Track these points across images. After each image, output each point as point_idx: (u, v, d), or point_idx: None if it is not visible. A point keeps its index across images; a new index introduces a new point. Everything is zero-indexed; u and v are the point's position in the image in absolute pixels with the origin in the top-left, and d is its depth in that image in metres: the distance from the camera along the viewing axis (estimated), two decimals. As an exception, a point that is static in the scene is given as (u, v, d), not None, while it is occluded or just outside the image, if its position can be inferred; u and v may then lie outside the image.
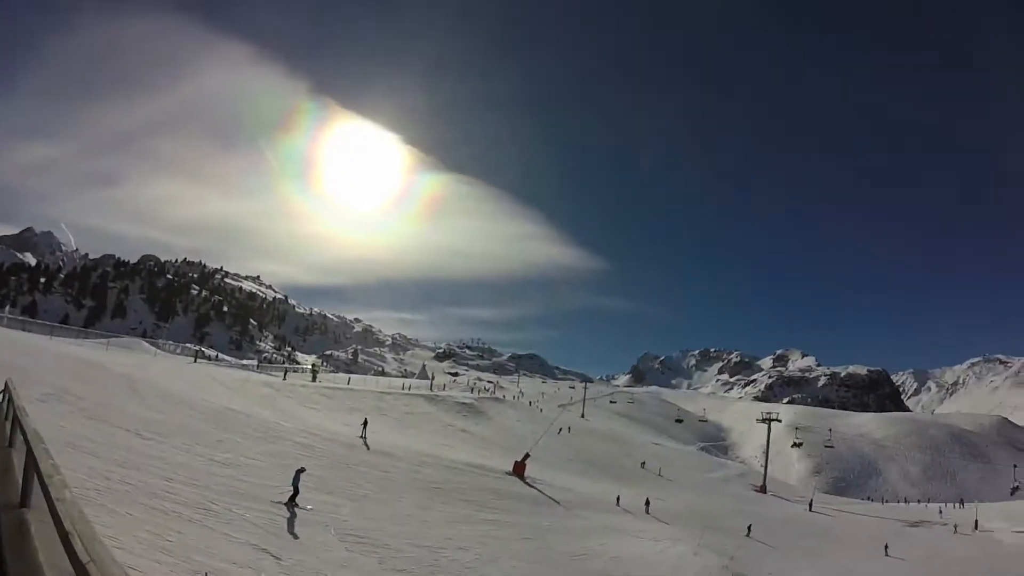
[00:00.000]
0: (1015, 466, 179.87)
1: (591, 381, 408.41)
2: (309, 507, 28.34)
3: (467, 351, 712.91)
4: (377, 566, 23.46)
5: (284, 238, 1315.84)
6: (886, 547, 67.10)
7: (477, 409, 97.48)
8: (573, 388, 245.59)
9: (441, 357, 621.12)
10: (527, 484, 53.18)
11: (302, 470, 28.90)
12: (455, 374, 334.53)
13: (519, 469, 56.12)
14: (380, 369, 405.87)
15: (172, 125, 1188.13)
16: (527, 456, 58.44)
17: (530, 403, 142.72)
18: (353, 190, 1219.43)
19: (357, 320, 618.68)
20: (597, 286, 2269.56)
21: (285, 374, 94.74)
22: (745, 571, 40.65)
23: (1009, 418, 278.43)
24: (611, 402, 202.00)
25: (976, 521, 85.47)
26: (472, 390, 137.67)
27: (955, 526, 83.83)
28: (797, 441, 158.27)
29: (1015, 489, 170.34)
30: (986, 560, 67.38)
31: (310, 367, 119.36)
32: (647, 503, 61.89)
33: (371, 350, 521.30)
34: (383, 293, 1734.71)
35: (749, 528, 63.04)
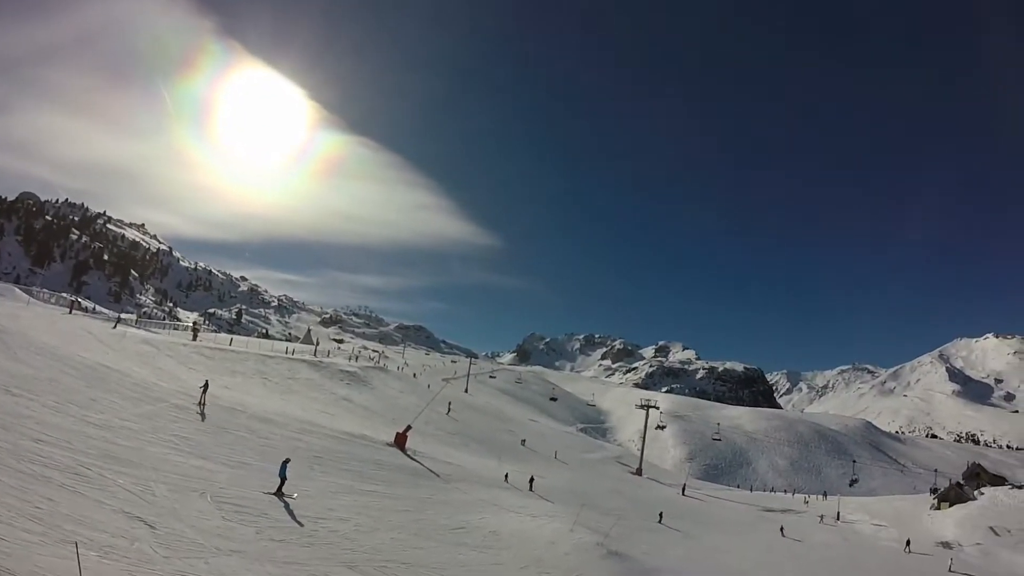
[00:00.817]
0: (854, 461, 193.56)
1: (476, 357, 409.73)
2: (295, 495, 27.83)
3: (354, 318, 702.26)
4: (255, 536, 22.78)
5: (173, 186, 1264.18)
6: (782, 529, 73.20)
7: (361, 378, 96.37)
8: (457, 362, 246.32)
9: (327, 323, 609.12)
10: (408, 456, 52.93)
11: (288, 461, 29.96)
12: (340, 341, 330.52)
13: (400, 441, 55.73)
14: (264, 331, 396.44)
15: (63, 54, 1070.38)
16: (409, 428, 58.06)
17: (414, 375, 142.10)
18: (250, 142, 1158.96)
19: (243, 279, 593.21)
20: (489, 263, 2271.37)
21: (194, 335, 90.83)
22: (619, 548, 41.47)
23: (873, 422, 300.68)
24: (491, 376, 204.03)
25: (838, 512, 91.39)
26: (357, 358, 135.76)
27: (820, 516, 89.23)
28: (661, 424, 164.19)
29: (854, 481, 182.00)
30: (845, 546, 72.34)
31: (191, 325, 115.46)
32: (531, 480, 62.75)
33: (256, 311, 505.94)
34: (272, 252, 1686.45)
35: (661, 515, 65.38)
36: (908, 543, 67.46)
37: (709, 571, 48.40)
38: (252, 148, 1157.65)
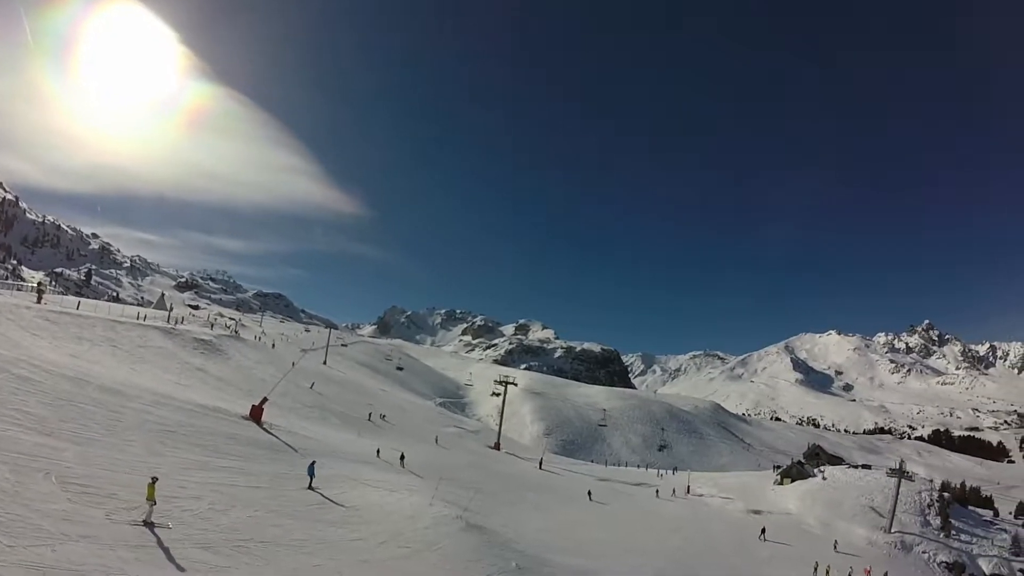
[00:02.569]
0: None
1: (336, 328, 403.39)
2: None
3: (211, 283, 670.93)
4: (104, 519, 21.59)
5: (25, 128, 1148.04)
6: (589, 493, 75.80)
7: (216, 347, 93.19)
8: (311, 331, 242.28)
9: (182, 287, 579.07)
10: (264, 430, 51.49)
11: (314, 463, 34.32)
12: (196, 307, 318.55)
13: (256, 414, 54.04)
14: (115, 294, 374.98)
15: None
16: (265, 400, 56.42)
17: (272, 345, 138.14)
18: (114, 86, 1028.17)
19: (95, 236, 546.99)
20: (354, 232, 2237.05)
21: (39, 297, 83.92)
22: (478, 521, 41.80)
23: (722, 404, 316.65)
24: (343, 345, 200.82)
25: (688, 486, 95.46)
26: (212, 326, 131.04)
27: (673, 489, 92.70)
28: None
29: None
30: (695, 517, 76.03)
31: (35, 286, 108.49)
32: (402, 457, 62.57)
33: (107, 271, 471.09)
34: (127, 208, 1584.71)
35: (589, 493, 66.62)
36: (763, 531, 70.10)
37: (565, 541, 49.52)
38: (115, 92, 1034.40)
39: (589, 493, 79.39)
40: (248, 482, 34.53)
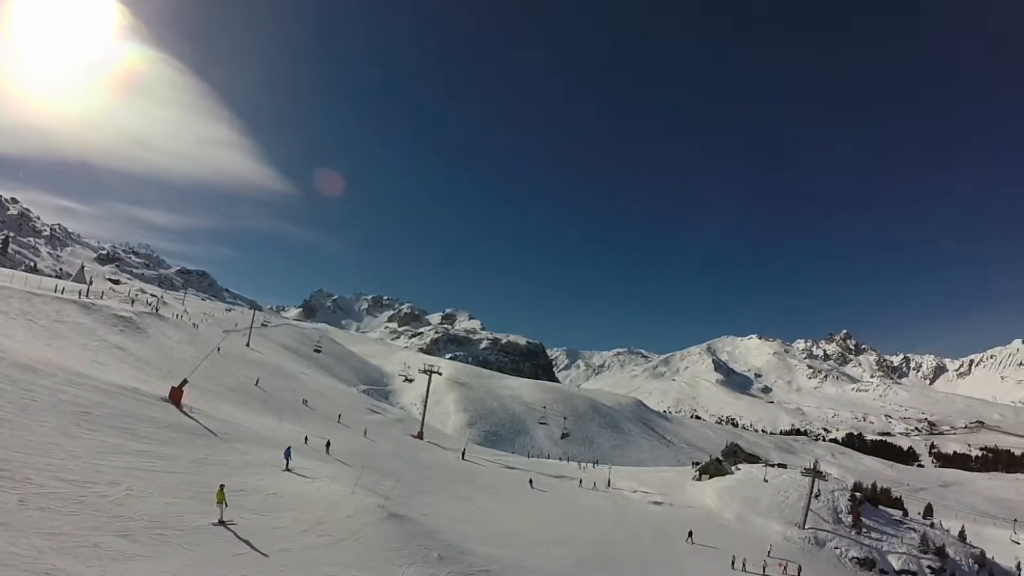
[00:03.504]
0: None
1: (260, 309, 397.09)
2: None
3: (133, 257, 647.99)
4: (17, 505, 20.82)
5: None
6: (531, 481, 79.39)
7: (136, 324, 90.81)
8: (232, 311, 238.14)
9: (104, 260, 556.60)
10: (184, 413, 50.36)
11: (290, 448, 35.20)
12: (116, 281, 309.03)
13: (176, 396, 52.77)
14: (32, 264, 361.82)
15: None
16: (185, 382, 55.15)
17: (194, 324, 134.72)
18: (42, 41, 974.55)
19: (14, 201, 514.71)
20: (283, 211, 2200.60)
21: None
22: (399, 511, 41.55)
23: (644, 401, 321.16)
24: (262, 324, 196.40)
25: (609, 480, 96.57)
26: (133, 302, 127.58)
27: (594, 483, 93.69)
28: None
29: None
30: (614, 509, 76.87)
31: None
32: (327, 444, 61.98)
33: (25, 240, 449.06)
34: (50, 173, 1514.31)
35: (531, 482, 66.78)
36: (691, 534, 70.84)
37: (487, 531, 49.63)
38: (44, 48, 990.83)
39: (531, 481, 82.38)
40: (167, 467, 33.80)
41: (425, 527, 41.13)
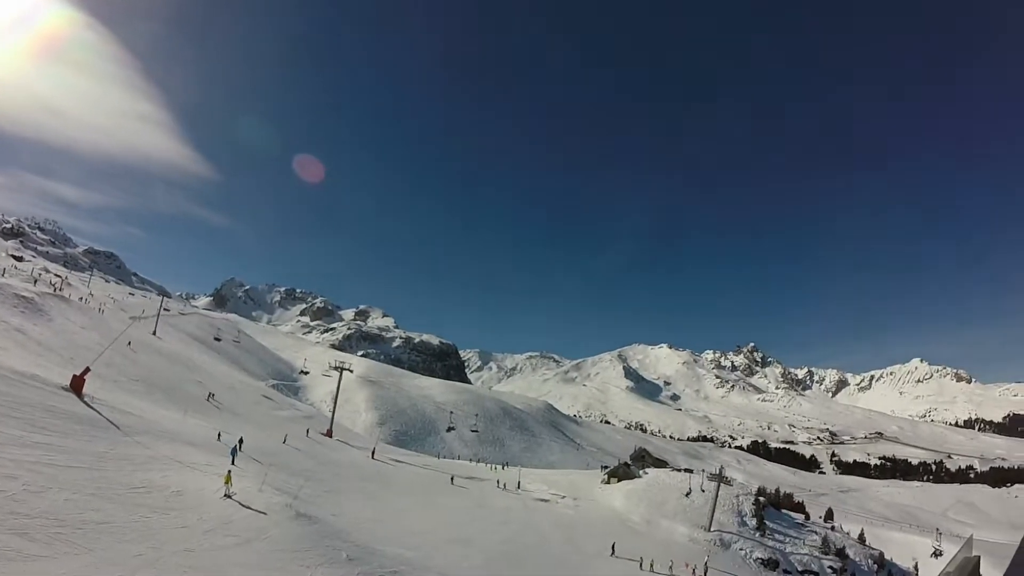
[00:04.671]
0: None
1: (170, 296, 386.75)
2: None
3: (39, 233, 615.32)
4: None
5: None
6: (452, 478, 75.81)
7: (38, 306, 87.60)
8: (135, 295, 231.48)
9: (7, 235, 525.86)
10: (85, 403, 48.59)
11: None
12: (19, 258, 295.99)
13: (78, 384, 50.82)
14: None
15: None
16: (87, 370, 53.25)
17: (100, 309, 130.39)
18: None
19: None
20: (199, 195, 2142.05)
21: None
22: (308, 510, 40.96)
23: (554, 405, 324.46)
24: (180, 313, 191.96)
25: (519, 482, 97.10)
26: (36, 282, 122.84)
27: (504, 484, 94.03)
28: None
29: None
30: (523, 510, 77.14)
31: None
32: (240, 441, 60.62)
33: None
34: None
35: (452, 478, 65.75)
36: (613, 547, 70.99)
37: (396, 531, 49.29)
38: None
39: (452, 478, 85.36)
40: (67, 461, 32.46)
41: (334, 527, 40.66)
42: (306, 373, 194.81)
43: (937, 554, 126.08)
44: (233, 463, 37.72)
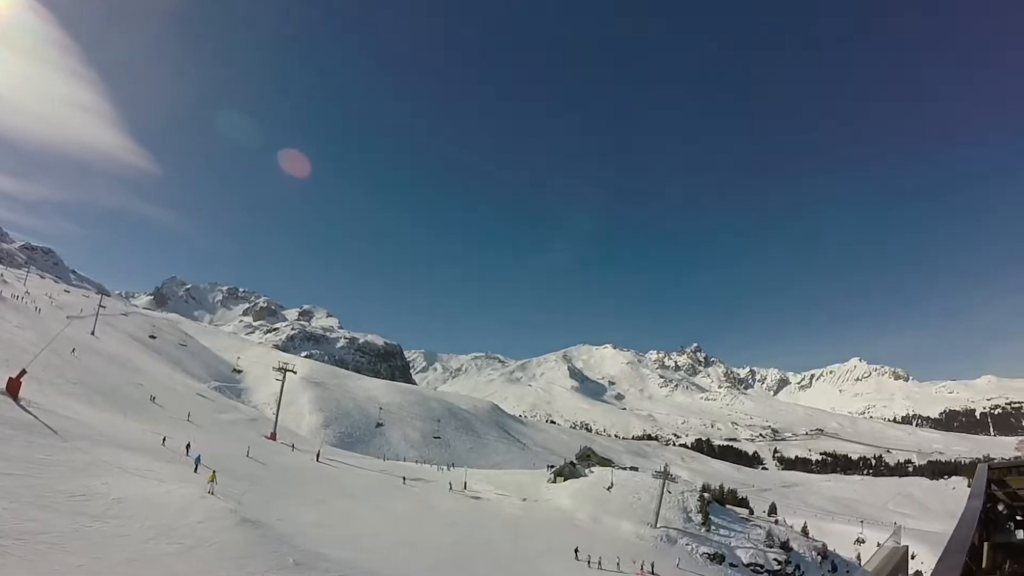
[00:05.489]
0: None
1: (109, 295, 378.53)
2: None
3: None
4: None
5: None
6: (404, 478, 72.74)
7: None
8: (80, 296, 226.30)
9: None
10: (22, 407, 47.44)
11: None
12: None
13: (13, 388, 49.53)
14: None
15: None
16: (23, 373, 51.94)
17: (37, 308, 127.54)
18: None
19: None
20: (141, 189, 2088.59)
21: None
22: (253, 515, 40.40)
23: (500, 405, 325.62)
24: (100, 306, 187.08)
25: (465, 482, 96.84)
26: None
27: (451, 485, 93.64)
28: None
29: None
30: (471, 513, 77.34)
31: None
32: (188, 446, 59.71)
33: None
34: None
35: (404, 479, 64.01)
36: (577, 551, 70.81)
37: (343, 536, 48.85)
38: None
39: (404, 479, 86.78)
40: (4, 468, 31.70)
41: (279, 532, 40.13)
42: (239, 372, 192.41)
43: (860, 541, 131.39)
44: (196, 471, 36.87)
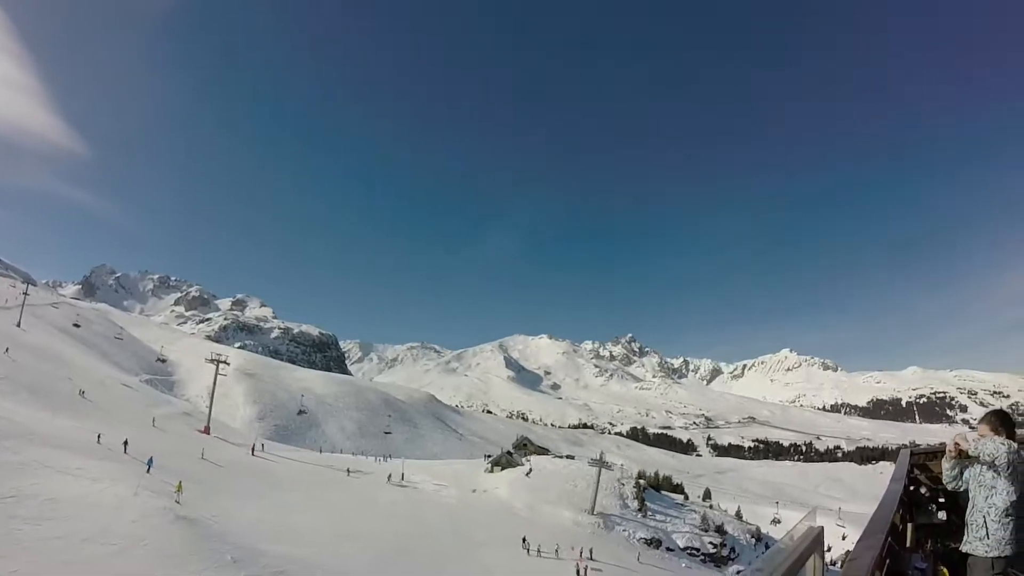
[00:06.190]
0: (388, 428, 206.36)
1: (35, 284, 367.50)
2: None
3: None
4: None
5: None
6: (348, 470, 72.33)
7: None
8: (5, 286, 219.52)
9: None
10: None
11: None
12: None
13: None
14: None
15: None
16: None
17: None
18: None
19: None
20: (71, 172, 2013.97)
21: None
22: (188, 512, 39.91)
23: (436, 395, 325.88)
24: (24, 295, 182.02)
25: (403, 473, 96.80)
26: None
27: (390, 476, 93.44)
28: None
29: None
30: (408, 502, 76.97)
31: None
32: (125, 443, 58.51)
33: None
34: None
35: (348, 470, 63.21)
36: (524, 539, 71.21)
37: (281, 530, 48.44)
38: None
39: (348, 470, 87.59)
40: (-71, 471, 30.75)
41: (216, 529, 39.77)
42: (163, 361, 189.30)
43: (776, 522, 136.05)
44: (148, 471, 36.16)
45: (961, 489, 6.84)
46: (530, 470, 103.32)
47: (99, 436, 59.17)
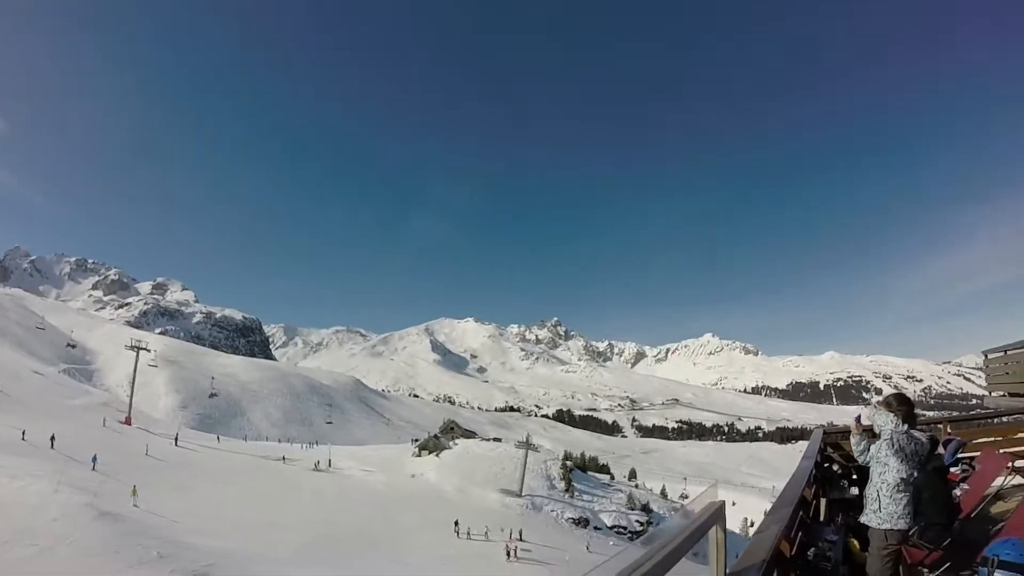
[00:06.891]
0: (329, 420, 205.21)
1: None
2: None
3: None
4: None
5: None
6: (283, 458, 71.63)
7: None
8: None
9: None
10: None
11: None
12: None
13: None
14: None
15: None
16: None
17: None
18: None
19: None
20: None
21: None
22: (112, 508, 39.19)
23: (362, 380, 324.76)
24: None
25: (330, 460, 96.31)
26: None
27: (318, 463, 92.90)
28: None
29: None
30: (337, 489, 76.81)
31: None
32: (52, 438, 56.90)
33: None
34: None
35: (284, 458, 62.04)
36: (456, 523, 71.42)
37: (209, 522, 47.93)
38: None
39: (284, 458, 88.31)
40: None
41: (142, 524, 39.21)
42: (73, 347, 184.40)
43: (684, 497, 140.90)
44: (94, 469, 35.20)
45: (867, 464, 7.50)
46: (440, 450, 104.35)
47: (23, 433, 57.53)
